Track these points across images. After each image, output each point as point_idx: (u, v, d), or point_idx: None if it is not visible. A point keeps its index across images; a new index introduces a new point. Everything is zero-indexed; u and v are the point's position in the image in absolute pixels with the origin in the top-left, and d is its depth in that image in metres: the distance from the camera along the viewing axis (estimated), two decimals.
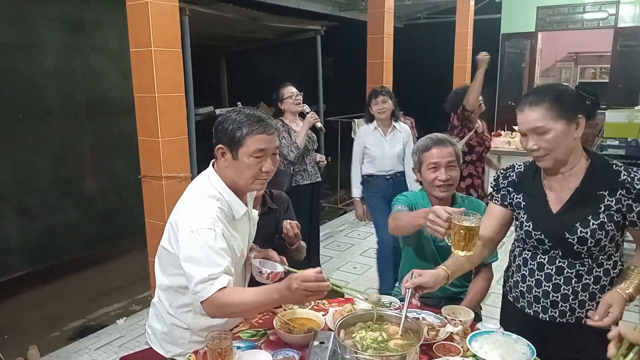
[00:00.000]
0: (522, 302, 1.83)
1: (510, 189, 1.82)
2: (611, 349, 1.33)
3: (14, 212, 4.14)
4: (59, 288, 4.27)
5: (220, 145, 1.66)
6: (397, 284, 2.44)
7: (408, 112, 8.11)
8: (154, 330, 1.85)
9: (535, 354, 1.55)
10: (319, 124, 3.71)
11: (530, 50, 10.23)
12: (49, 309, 3.91)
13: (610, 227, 1.63)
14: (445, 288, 2.23)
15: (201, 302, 1.54)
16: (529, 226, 1.74)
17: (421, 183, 2.29)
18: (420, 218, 1.80)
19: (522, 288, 1.82)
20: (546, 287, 1.74)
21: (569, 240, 1.65)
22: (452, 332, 1.73)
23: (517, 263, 1.85)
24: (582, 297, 1.70)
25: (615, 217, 1.63)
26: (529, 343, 1.60)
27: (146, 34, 2.83)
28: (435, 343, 1.65)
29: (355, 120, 6.82)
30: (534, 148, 1.61)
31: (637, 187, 1.60)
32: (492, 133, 6.39)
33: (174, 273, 1.68)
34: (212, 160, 1.75)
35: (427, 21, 9.93)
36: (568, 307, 1.71)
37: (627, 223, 1.67)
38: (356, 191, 3.92)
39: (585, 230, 1.63)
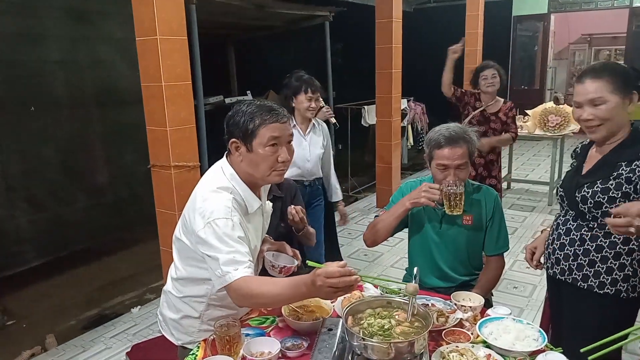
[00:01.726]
0: (547, 262, 1.96)
1: (572, 157, 2.02)
2: None
3: (26, 204, 4.19)
4: (73, 278, 4.32)
5: (233, 139, 1.63)
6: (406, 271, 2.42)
7: (418, 98, 8.07)
8: (165, 317, 1.85)
9: (547, 340, 1.54)
10: (332, 120, 3.67)
11: (543, 32, 10.04)
12: (64, 299, 3.96)
13: (615, 194, 1.69)
14: (455, 277, 2.23)
15: (226, 287, 1.50)
16: (559, 184, 1.96)
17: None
18: (405, 204, 2.09)
19: (548, 249, 1.96)
20: (555, 245, 1.89)
21: (576, 197, 1.78)
22: (461, 319, 1.71)
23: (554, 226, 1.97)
24: (581, 261, 1.81)
25: (624, 187, 1.68)
26: (540, 329, 1.58)
27: (151, 23, 2.81)
28: (444, 329, 1.64)
29: (365, 107, 6.78)
30: (589, 118, 1.72)
31: None
32: None
33: (193, 265, 1.67)
34: (226, 153, 1.72)
35: (436, 5, 9.78)
36: (567, 267, 1.85)
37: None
38: None
39: (588, 190, 1.75)
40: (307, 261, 1.48)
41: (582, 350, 1.37)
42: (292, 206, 2.22)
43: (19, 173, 4.10)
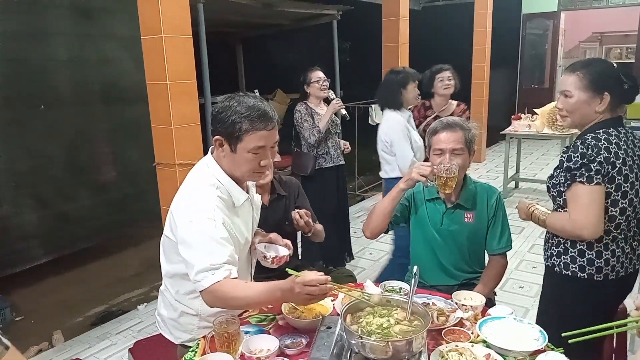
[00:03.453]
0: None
1: None
2: (634, 312, 1.39)
3: (33, 201, 4.22)
4: (80, 275, 4.35)
5: (218, 137, 1.63)
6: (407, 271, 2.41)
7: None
8: (163, 317, 1.86)
9: (547, 339, 1.52)
10: (343, 111, 3.69)
11: (553, 30, 9.94)
12: (72, 296, 4.00)
13: (556, 181, 1.85)
14: (458, 274, 2.22)
15: (200, 292, 1.52)
16: None
17: None
18: (401, 184, 2.09)
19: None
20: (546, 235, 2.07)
21: None
22: (462, 318, 1.70)
23: None
24: (555, 245, 1.97)
25: (561, 175, 1.82)
26: (541, 329, 1.57)
27: (156, 21, 2.82)
28: (444, 328, 1.63)
29: (372, 106, 6.74)
30: (560, 107, 1.89)
31: (561, 157, 1.81)
32: (513, 116, 6.26)
33: (179, 261, 1.67)
34: (211, 147, 1.73)
35: (445, 3, 9.73)
36: (548, 252, 2.01)
37: None
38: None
39: (547, 175, 1.95)
40: (287, 269, 1.51)
41: (563, 334, 1.43)
42: (296, 211, 2.21)
43: (26, 171, 4.14)
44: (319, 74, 3.67)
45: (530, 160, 8.08)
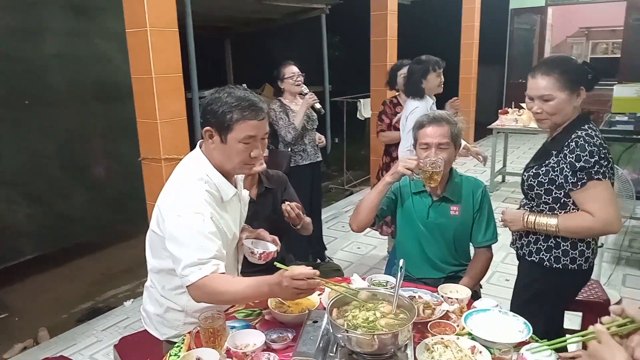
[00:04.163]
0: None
1: None
2: (607, 318, 1.33)
3: (24, 197, 4.18)
4: (68, 271, 4.32)
5: (208, 128, 1.62)
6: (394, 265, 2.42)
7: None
8: (149, 313, 1.85)
9: (532, 331, 1.53)
10: (317, 105, 3.65)
11: (540, 25, 10.00)
12: (58, 292, 3.97)
13: (544, 179, 1.85)
14: (444, 267, 2.23)
15: (187, 287, 1.51)
16: None
17: None
18: (387, 177, 2.09)
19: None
20: None
21: (521, 179, 2.00)
22: (448, 311, 1.71)
23: None
24: (515, 235, 2.05)
25: (551, 174, 1.84)
26: (526, 321, 1.58)
27: (141, 14, 2.79)
28: (430, 321, 1.64)
29: (361, 100, 6.75)
30: (538, 112, 1.85)
31: (569, 158, 1.78)
32: (500, 110, 6.29)
33: (166, 256, 1.65)
34: (200, 141, 1.71)
35: None
36: (511, 237, 2.08)
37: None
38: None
39: (525, 175, 1.95)
40: (275, 262, 1.51)
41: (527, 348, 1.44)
42: (287, 203, 2.19)
43: (16, 167, 4.09)
44: (293, 69, 3.60)
45: (517, 154, 8.14)
